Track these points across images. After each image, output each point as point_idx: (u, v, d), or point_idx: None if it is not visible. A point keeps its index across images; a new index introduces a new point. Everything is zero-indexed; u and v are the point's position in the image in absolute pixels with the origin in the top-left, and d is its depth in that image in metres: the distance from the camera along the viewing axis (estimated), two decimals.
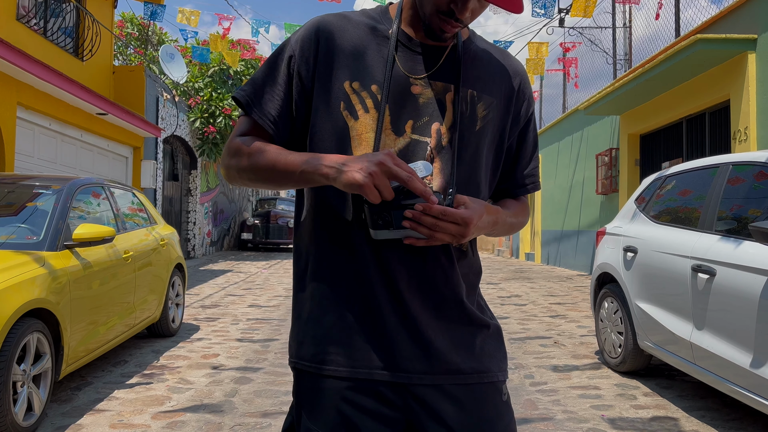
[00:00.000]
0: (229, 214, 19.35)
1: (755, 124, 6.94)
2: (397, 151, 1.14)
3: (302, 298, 1.22)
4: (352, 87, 1.16)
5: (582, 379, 4.42)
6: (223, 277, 11.14)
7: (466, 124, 1.19)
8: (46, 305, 3.41)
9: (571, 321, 6.79)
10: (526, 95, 1.30)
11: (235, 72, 15.62)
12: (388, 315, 1.14)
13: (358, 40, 1.19)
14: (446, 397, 1.15)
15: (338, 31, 1.19)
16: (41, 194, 4.22)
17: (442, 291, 1.17)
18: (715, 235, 3.54)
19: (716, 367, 3.33)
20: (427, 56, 1.19)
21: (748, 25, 7.12)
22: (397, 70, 1.17)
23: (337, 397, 1.14)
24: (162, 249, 5.67)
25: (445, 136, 1.17)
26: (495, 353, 1.23)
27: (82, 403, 3.79)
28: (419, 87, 1.17)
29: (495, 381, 1.21)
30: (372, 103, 1.15)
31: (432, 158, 1.15)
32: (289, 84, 1.19)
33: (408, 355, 1.14)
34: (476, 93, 1.21)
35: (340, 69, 1.17)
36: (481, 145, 1.21)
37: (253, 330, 6.15)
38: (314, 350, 1.17)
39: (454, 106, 1.17)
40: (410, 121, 1.16)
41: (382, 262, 1.14)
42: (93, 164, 10.09)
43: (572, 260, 13.35)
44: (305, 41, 1.19)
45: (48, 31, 9.10)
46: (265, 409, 3.68)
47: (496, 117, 1.23)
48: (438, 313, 1.17)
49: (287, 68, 1.19)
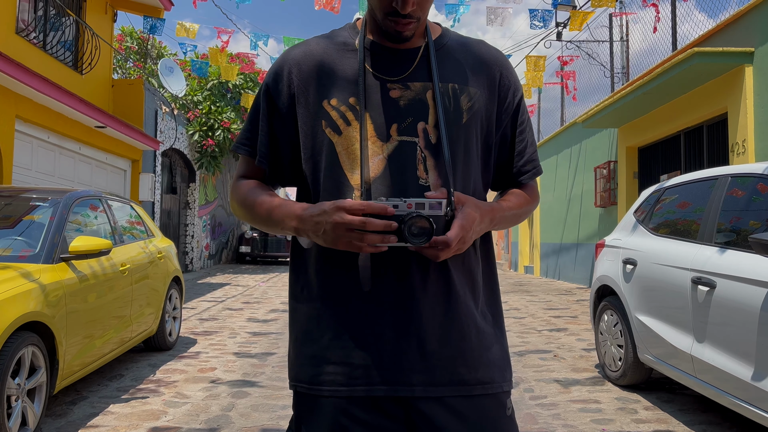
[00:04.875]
0: (228, 227, 19.33)
1: (753, 137, 6.95)
2: (387, 155, 1.15)
3: (298, 318, 1.22)
4: (331, 104, 1.18)
5: (582, 392, 4.38)
6: (220, 291, 11.09)
7: (452, 119, 1.18)
8: (41, 318, 3.37)
9: (571, 334, 6.76)
10: (511, 81, 1.28)
11: (234, 85, 15.67)
12: (386, 327, 1.13)
13: (329, 59, 1.22)
14: (448, 410, 1.13)
15: (306, 56, 1.24)
16: (38, 207, 4.21)
17: (443, 299, 1.15)
18: (715, 247, 3.53)
19: (717, 381, 3.30)
20: (400, 60, 1.20)
21: (745, 38, 7.16)
22: (372, 78, 1.18)
23: (336, 412, 1.13)
24: (159, 262, 5.64)
25: (432, 134, 1.16)
26: (499, 362, 1.20)
27: (77, 417, 3.74)
28: (397, 90, 1.18)
29: (499, 392, 1.18)
30: (352, 115, 1.17)
31: (424, 157, 1.15)
32: (271, 117, 1.25)
33: (408, 366, 1.12)
34: (458, 86, 1.20)
35: (317, 90, 1.20)
36: (470, 137, 1.20)
37: (251, 344, 6.11)
38: (312, 372, 1.16)
39: (435, 103, 1.17)
40: (395, 125, 1.16)
41: (380, 274, 1.13)
42: (91, 177, 10.08)
43: (571, 273, 13.33)
44: (277, 74, 1.25)
45: (47, 44, 9.13)
46: (263, 424, 3.64)
47: (481, 108, 1.22)
48: (440, 322, 1.15)
49: (266, 103, 1.25)
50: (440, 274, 1.15)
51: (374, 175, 1.14)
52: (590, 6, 9.61)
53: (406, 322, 1.13)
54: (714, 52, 7.09)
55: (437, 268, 1.15)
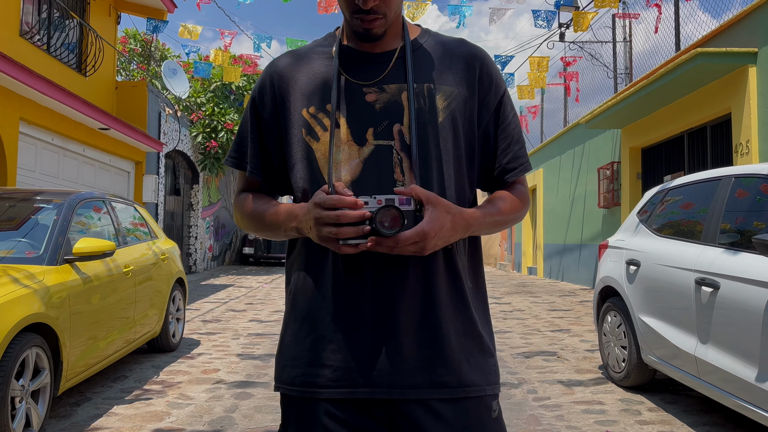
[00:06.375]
0: (231, 229, 19.35)
1: (757, 137, 6.94)
2: (363, 159, 1.16)
3: (287, 321, 1.23)
4: (309, 112, 1.21)
5: (586, 394, 4.37)
6: (224, 292, 11.11)
7: (426, 118, 1.18)
8: (45, 320, 3.38)
9: (575, 335, 6.75)
10: (492, 77, 1.25)
11: (237, 87, 15.70)
12: (365, 330, 1.13)
13: (309, 68, 1.25)
14: (431, 413, 1.13)
15: (288, 67, 1.27)
16: (42, 209, 4.22)
17: (421, 302, 1.14)
18: (719, 247, 3.52)
19: (721, 382, 3.29)
20: (376, 63, 1.21)
21: (748, 39, 7.14)
22: (349, 83, 1.20)
23: (320, 414, 1.14)
24: (163, 263, 5.65)
25: (407, 135, 1.16)
26: (483, 366, 1.19)
27: (81, 419, 3.75)
28: (373, 94, 1.19)
29: (482, 396, 1.17)
30: (329, 121, 1.19)
31: (400, 159, 1.16)
32: (259, 128, 1.28)
33: (387, 369, 1.12)
34: (433, 86, 1.20)
35: (297, 99, 1.23)
36: (446, 136, 1.19)
37: (254, 345, 6.12)
38: (295, 373, 1.17)
39: (410, 104, 1.17)
40: (371, 129, 1.17)
41: (361, 275, 1.14)
42: (95, 179, 10.11)
43: (575, 274, 13.31)
44: (262, 86, 1.28)
45: (51, 46, 9.15)
46: (266, 425, 3.65)
47: (459, 106, 1.21)
48: (418, 325, 1.14)
49: (253, 115, 1.29)
50: (421, 276, 1.14)
51: (351, 178, 1.15)
52: (593, 7, 9.61)
53: (385, 324, 1.13)
54: (717, 52, 7.07)
55: (417, 271, 1.14)
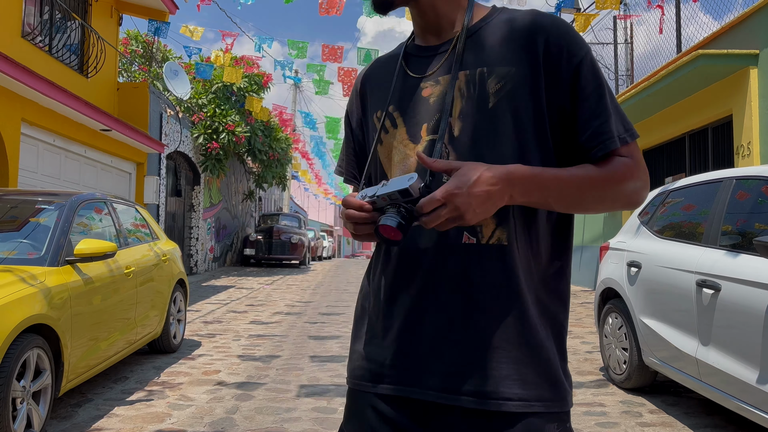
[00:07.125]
0: (232, 230, 19.35)
1: (758, 139, 6.93)
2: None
3: (354, 318, 1.31)
4: (377, 117, 1.25)
5: (587, 396, 4.37)
6: (225, 293, 11.11)
7: (475, 106, 1.12)
8: (46, 321, 3.39)
9: (576, 337, 6.74)
10: (561, 47, 1.10)
11: (238, 88, 15.70)
12: (406, 332, 1.14)
13: (384, 73, 1.29)
14: (466, 422, 1.08)
15: (370, 75, 1.33)
16: (44, 210, 4.22)
17: (466, 301, 1.09)
18: (720, 249, 3.51)
19: (722, 384, 3.29)
20: (434, 55, 1.21)
21: (750, 40, 7.14)
22: (410, 81, 1.22)
23: (364, 405, 1.19)
24: (164, 264, 5.65)
25: (456, 127, 1.13)
26: (534, 380, 1.08)
27: (82, 420, 3.75)
28: (429, 88, 1.18)
29: (525, 413, 1.06)
30: (390, 123, 1.23)
31: (447, 153, 1.12)
32: (353, 137, 1.36)
33: (427, 370, 1.11)
34: (486, 69, 1.13)
35: (372, 105, 1.29)
36: (498, 121, 1.11)
37: (255, 346, 6.12)
38: (352, 366, 1.24)
39: (460, 93, 1.14)
40: (425, 125, 1.16)
41: (405, 278, 1.15)
42: (96, 180, 10.12)
43: (576, 275, 13.30)
44: (352, 98, 1.37)
45: (53, 48, 9.17)
46: (267, 427, 3.64)
47: (518, 85, 1.11)
48: (464, 328, 1.09)
49: (348, 126, 1.38)
50: (463, 274, 1.10)
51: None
52: (595, 8, 9.61)
53: (429, 326, 1.12)
54: (719, 54, 7.07)
55: (467, 270, 1.09)
